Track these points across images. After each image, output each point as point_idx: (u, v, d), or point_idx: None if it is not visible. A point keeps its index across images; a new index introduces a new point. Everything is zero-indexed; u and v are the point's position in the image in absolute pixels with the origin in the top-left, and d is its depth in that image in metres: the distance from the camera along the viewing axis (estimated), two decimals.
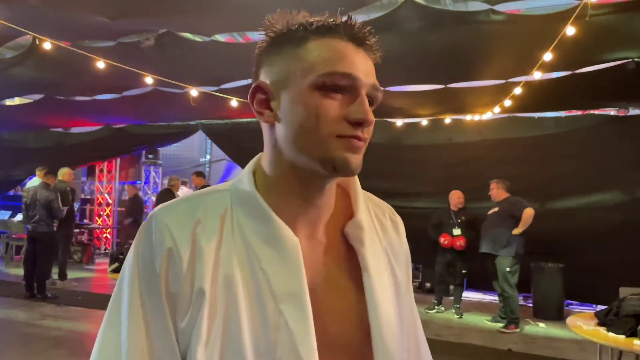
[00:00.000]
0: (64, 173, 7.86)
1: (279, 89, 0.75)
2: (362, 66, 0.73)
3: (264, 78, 0.77)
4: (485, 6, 3.95)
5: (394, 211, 0.93)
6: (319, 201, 0.78)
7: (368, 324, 0.78)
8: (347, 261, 0.80)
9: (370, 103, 0.74)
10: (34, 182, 7.97)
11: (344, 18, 0.75)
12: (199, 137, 11.02)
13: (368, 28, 0.75)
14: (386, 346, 0.78)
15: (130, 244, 0.78)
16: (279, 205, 0.76)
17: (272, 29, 0.78)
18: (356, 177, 0.84)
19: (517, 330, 5.85)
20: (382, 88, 0.76)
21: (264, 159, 0.81)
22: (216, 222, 0.75)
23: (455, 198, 6.56)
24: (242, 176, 0.81)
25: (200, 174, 8.40)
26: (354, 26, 0.74)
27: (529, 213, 5.79)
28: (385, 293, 0.80)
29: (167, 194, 8.01)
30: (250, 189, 0.77)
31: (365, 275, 0.79)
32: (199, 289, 0.71)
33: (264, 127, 0.80)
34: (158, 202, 8.30)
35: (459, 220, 6.46)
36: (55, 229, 7.10)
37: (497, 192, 6.09)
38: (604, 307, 3.56)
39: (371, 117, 0.72)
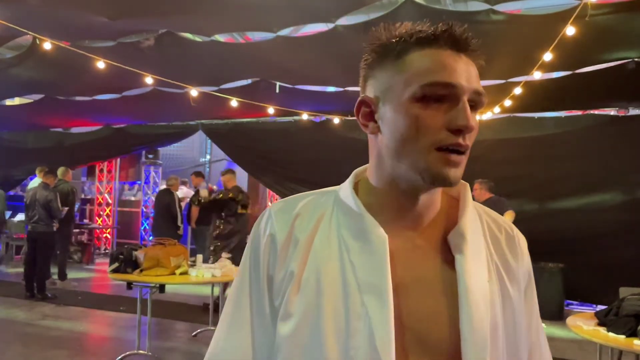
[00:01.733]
0: (64, 173, 7.87)
1: (382, 101, 0.78)
2: (463, 72, 0.74)
3: (369, 92, 0.80)
4: (485, 6, 3.95)
5: (513, 227, 0.91)
6: (416, 207, 0.80)
7: (459, 330, 0.77)
8: (446, 266, 0.80)
9: (474, 108, 0.76)
10: (35, 182, 7.98)
11: (444, 27, 0.75)
12: (199, 137, 11.02)
13: (469, 33, 0.76)
14: (477, 355, 0.76)
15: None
16: (377, 208, 0.80)
17: (376, 42, 0.79)
18: (468, 187, 0.86)
19: None
20: (484, 92, 0.76)
21: (369, 169, 0.85)
22: (315, 217, 0.82)
23: None
24: (346, 182, 0.86)
25: (199, 174, 8.39)
26: (454, 33, 0.75)
27: (508, 217, 5.76)
28: (482, 303, 0.78)
29: (165, 194, 8.00)
30: (349, 191, 0.83)
31: (460, 281, 0.78)
32: (290, 271, 0.78)
33: (370, 138, 0.83)
34: (156, 202, 8.29)
35: None
36: (54, 229, 7.10)
37: (480, 192, 6.04)
38: (604, 307, 3.56)
39: (473, 122, 0.73)
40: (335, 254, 0.78)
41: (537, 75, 4.96)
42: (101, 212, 11.84)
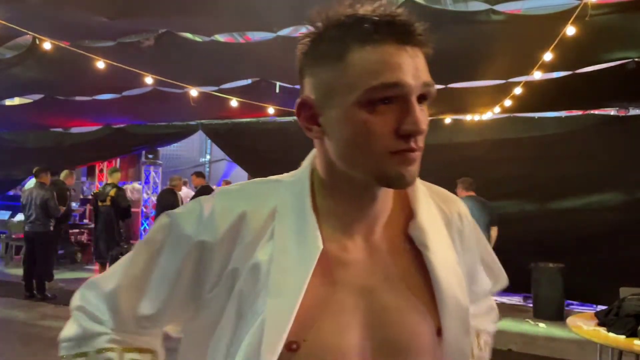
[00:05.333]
0: (64, 175, 7.89)
1: (324, 104, 0.72)
2: (409, 67, 0.69)
3: (309, 92, 0.74)
4: (485, 6, 3.95)
5: (459, 202, 0.92)
6: (374, 206, 0.78)
7: (435, 324, 0.78)
8: (413, 260, 0.80)
9: (424, 99, 0.71)
10: (31, 182, 7.99)
11: (386, 17, 0.69)
12: (199, 137, 11.02)
13: (409, 18, 0.71)
14: (458, 342, 0.78)
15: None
16: (332, 207, 0.77)
17: (313, 27, 0.73)
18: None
19: None
20: (432, 82, 0.72)
21: (320, 170, 0.79)
22: (262, 214, 0.76)
23: None
24: (300, 171, 0.81)
25: (200, 174, 8.40)
26: (395, 23, 0.69)
27: (493, 232, 5.73)
28: (456, 290, 0.79)
29: (168, 194, 8.00)
30: (303, 185, 0.78)
31: (432, 276, 0.78)
32: (233, 268, 0.75)
33: (315, 140, 0.78)
34: (159, 202, 8.29)
35: None
36: (51, 228, 7.10)
37: (459, 191, 5.96)
38: (604, 307, 3.56)
39: (422, 126, 0.69)
40: (271, 253, 0.74)
41: (537, 75, 4.96)
42: None
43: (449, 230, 0.85)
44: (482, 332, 1.03)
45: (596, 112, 6.99)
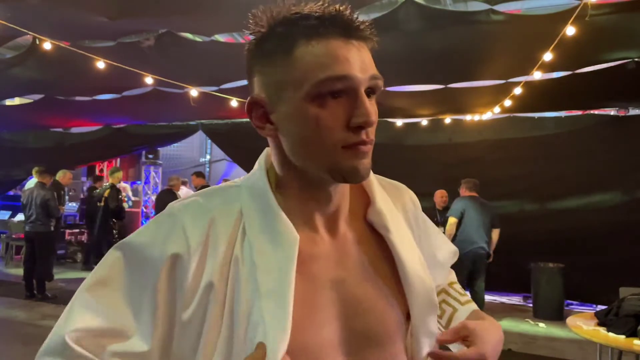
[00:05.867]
0: (61, 175, 7.87)
1: (275, 101, 0.72)
2: (356, 60, 0.69)
3: (259, 90, 0.74)
4: (485, 6, 3.95)
5: (409, 190, 0.94)
6: (333, 198, 0.78)
7: (406, 304, 0.80)
8: (377, 247, 0.81)
9: (372, 93, 0.72)
10: (31, 182, 7.99)
11: (331, 12, 0.70)
12: (199, 137, 11.02)
13: (353, 14, 0.71)
14: (425, 322, 0.80)
15: None
16: (292, 204, 0.76)
17: (257, 28, 0.73)
18: None
19: None
20: (380, 75, 0.72)
21: (273, 159, 0.79)
22: (230, 220, 0.74)
23: (439, 197, 6.62)
24: (255, 173, 0.81)
25: (200, 175, 8.40)
26: (340, 18, 0.70)
27: (494, 235, 5.75)
28: (419, 272, 0.81)
29: (167, 194, 8.00)
30: (263, 186, 0.77)
31: (396, 258, 0.80)
32: (207, 283, 0.70)
33: (269, 139, 0.79)
34: (158, 202, 8.29)
35: (444, 219, 6.46)
36: (52, 228, 7.10)
37: (462, 191, 6.01)
38: (604, 307, 3.56)
39: (372, 118, 0.70)
40: (247, 258, 0.72)
41: (537, 75, 4.96)
42: None
43: (404, 215, 0.88)
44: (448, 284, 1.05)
45: (596, 112, 6.99)
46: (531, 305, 6.81)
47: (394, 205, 0.86)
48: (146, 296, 0.72)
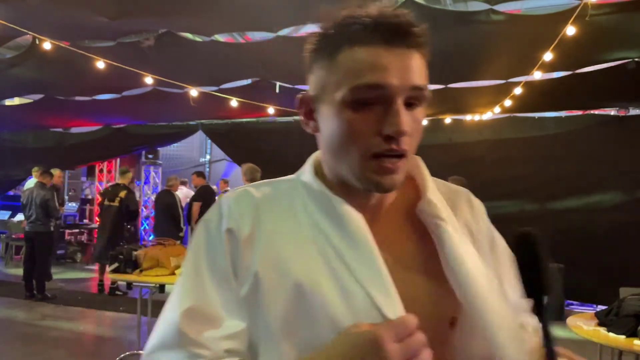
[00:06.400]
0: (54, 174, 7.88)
1: (319, 100, 0.75)
2: (396, 69, 0.69)
3: (310, 87, 0.78)
4: (485, 6, 3.95)
5: (471, 194, 0.90)
6: (373, 198, 0.78)
7: (453, 303, 0.75)
8: (421, 241, 0.79)
9: (414, 105, 0.72)
10: (30, 182, 7.98)
11: (378, 19, 0.70)
12: (199, 137, 11.01)
13: (406, 19, 0.71)
14: (484, 304, 0.73)
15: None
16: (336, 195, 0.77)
17: (320, 27, 0.75)
18: (420, 161, 0.83)
19: None
20: (424, 86, 0.72)
21: (320, 156, 0.82)
22: (280, 207, 0.77)
23: None
24: (305, 170, 0.83)
25: (200, 174, 8.40)
26: (387, 24, 0.70)
27: None
28: (474, 261, 0.76)
29: (166, 195, 8.00)
30: (313, 178, 0.79)
31: (449, 249, 0.76)
32: (254, 271, 0.72)
33: (316, 136, 0.80)
34: (157, 203, 8.28)
35: None
36: (52, 228, 7.10)
37: None
38: (604, 307, 3.55)
39: (403, 128, 0.68)
40: (311, 242, 0.73)
41: (537, 75, 4.96)
42: None
43: (464, 221, 0.84)
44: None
45: (596, 112, 6.99)
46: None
47: (450, 207, 0.83)
48: (220, 269, 0.74)
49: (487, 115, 7.04)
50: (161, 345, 0.72)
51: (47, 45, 4.67)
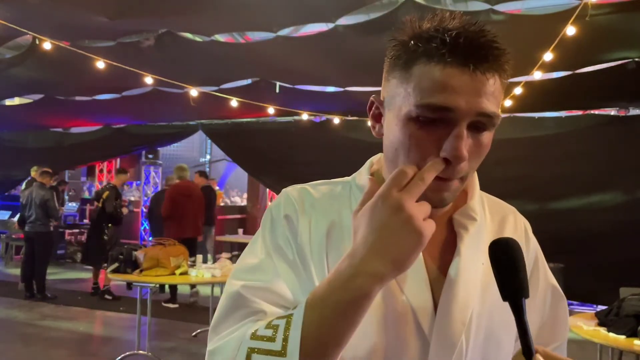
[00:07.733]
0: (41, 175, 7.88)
1: (387, 106, 0.77)
2: (467, 92, 0.68)
3: (383, 91, 0.79)
4: (485, 6, 3.95)
5: (517, 213, 0.92)
6: None
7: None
8: (444, 246, 0.81)
9: (481, 129, 0.71)
10: (29, 183, 7.99)
11: (456, 38, 0.69)
12: (199, 137, 11.03)
13: (489, 40, 0.71)
14: (448, 342, 0.76)
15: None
16: None
17: (399, 34, 0.75)
18: (474, 174, 0.84)
19: None
20: (493, 113, 0.71)
21: (383, 163, 0.84)
22: (333, 207, 0.83)
23: None
24: (361, 172, 0.87)
25: (202, 174, 8.42)
26: (466, 44, 0.68)
27: None
28: (473, 277, 0.79)
29: (163, 195, 7.99)
30: (367, 183, 0.80)
31: (456, 257, 0.79)
32: (304, 255, 0.79)
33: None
34: (153, 202, 8.27)
35: None
36: (51, 228, 7.09)
37: None
38: (604, 307, 3.55)
39: (462, 153, 0.68)
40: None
41: (537, 75, 4.95)
42: None
43: (500, 232, 0.86)
44: None
45: (596, 112, 6.98)
46: None
47: (491, 220, 0.87)
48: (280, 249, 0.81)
49: None
50: (225, 314, 0.78)
51: (47, 45, 4.67)
